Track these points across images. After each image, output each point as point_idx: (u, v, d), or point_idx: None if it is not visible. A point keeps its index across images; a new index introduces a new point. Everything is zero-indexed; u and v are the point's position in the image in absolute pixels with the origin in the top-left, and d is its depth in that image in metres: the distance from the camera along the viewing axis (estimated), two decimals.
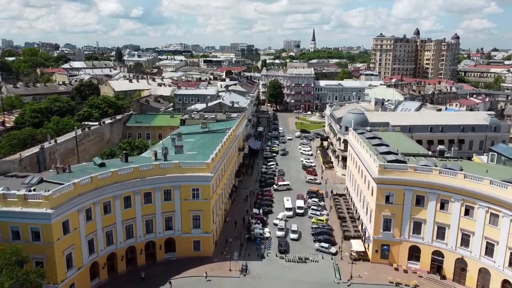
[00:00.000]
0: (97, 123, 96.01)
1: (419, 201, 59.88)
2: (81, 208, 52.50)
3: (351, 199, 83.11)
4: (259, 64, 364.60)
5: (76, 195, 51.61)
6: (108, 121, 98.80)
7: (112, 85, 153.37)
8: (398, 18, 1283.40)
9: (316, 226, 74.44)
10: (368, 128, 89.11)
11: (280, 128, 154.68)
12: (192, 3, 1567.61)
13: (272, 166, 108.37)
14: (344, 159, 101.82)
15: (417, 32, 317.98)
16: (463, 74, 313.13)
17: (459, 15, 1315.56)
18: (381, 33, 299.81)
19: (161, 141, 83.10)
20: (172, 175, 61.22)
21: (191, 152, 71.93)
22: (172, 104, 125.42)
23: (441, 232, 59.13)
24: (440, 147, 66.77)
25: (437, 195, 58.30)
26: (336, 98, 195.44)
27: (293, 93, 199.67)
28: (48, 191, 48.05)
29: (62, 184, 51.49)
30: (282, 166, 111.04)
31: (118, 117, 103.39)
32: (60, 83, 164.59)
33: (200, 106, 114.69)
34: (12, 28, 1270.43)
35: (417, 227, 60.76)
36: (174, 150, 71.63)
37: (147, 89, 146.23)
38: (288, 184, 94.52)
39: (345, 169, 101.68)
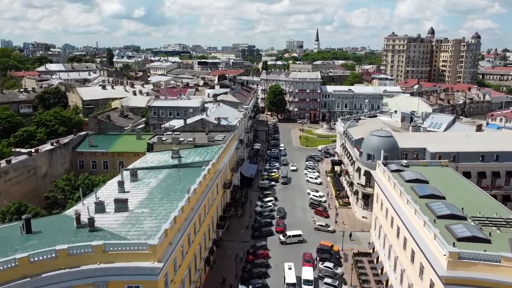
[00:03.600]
0: (32, 150, 70.28)
1: None
2: None
3: (382, 268, 57.26)
4: (260, 65, 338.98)
5: None
6: (48, 147, 73.20)
7: (81, 92, 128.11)
8: (401, 18, 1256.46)
9: None
10: (405, 161, 63.41)
11: (281, 145, 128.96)
12: (194, 3, 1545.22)
13: (269, 204, 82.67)
14: (366, 196, 76.34)
15: (432, 31, 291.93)
16: (480, 77, 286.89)
17: (462, 15, 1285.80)
18: (393, 32, 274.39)
19: (104, 185, 57.63)
20: (92, 267, 35.77)
21: (140, 210, 46.47)
22: (144, 119, 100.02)
23: None
24: None
25: None
26: (346, 106, 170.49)
27: (296, 100, 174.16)
28: None
29: None
30: (283, 201, 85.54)
31: (65, 140, 77.88)
32: (22, 90, 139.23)
33: (178, 122, 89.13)
34: (15, 29, 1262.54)
35: None
36: (114, 205, 46.31)
37: (121, 98, 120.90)
38: (300, 235, 68.82)
39: (367, 209, 76.38)
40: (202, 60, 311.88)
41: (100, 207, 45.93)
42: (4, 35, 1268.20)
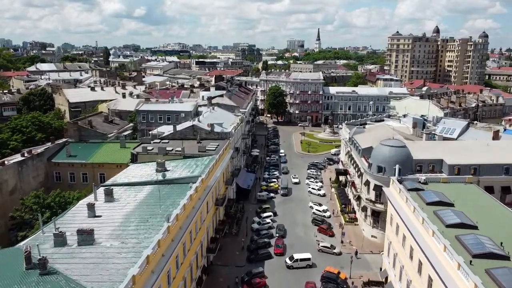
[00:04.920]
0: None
1: None
2: None
3: None
4: (260, 65, 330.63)
5: None
6: (17, 158, 65.05)
7: (67, 94, 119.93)
8: (401, 18, 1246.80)
9: None
10: (423, 178, 55.23)
11: (281, 151, 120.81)
12: (195, 3, 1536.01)
13: (268, 220, 74.42)
14: (376, 213, 68.23)
15: (437, 30, 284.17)
16: (487, 78, 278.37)
17: (463, 15, 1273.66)
18: (397, 31, 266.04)
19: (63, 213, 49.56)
20: None
21: (109, 243, 38.35)
22: (132, 124, 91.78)
23: None
24: None
25: None
26: (349, 109, 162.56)
27: (297, 102, 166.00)
28: None
29: None
30: (282, 217, 77.57)
31: (39, 149, 69.72)
32: (6, 91, 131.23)
33: (168, 128, 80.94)
34: (16, 28, 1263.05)
35: None
36: (77, 237, 38.20)
37: (110, 101, 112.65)
38: (309, 259, 60.55)
39: (377, 227, 68.42)
40: (200, 60, 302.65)
41: (60, 239, 37.89)
42: (5, 34, 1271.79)
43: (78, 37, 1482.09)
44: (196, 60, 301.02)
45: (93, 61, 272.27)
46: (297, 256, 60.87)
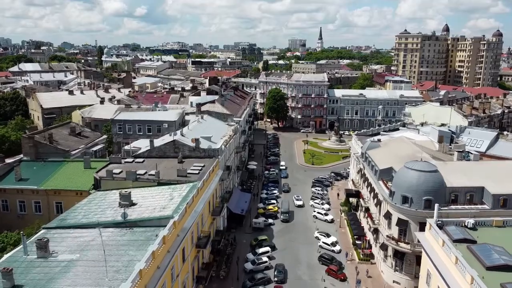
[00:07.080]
0: None
1: None
2: None
3: None
4: (261, 65, 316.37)
5: None
6: None
7: (41, 98, 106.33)
8: (403, 17, 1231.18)
9: None
10: (471, 221, 41.31)
11: (282, 163, 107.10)
12: (196, 2, 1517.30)
13: (264, 258, 60.52)
14: (400, 254, 54.45)
15: (447, 29, 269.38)
16: (498, 79, 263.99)
17: (465, 14, 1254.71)
18: (405, 30, 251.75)
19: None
20: None
21: None
22: (105, 137, 78.01)
23: None
24: None
25: None
26: (356, 113, 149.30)
27: (300, 106, 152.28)
28: None
29: None
30: (282, 252, 63.89)
31: None
32: None
33: (145, 144, 67.17)
34: (17, 27, 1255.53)
35: None
36: None
37: (88, 106, 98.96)
38: None
39: (400, 271, 54.76)
40: (196, 60, 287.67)
41: None
42: (6, 33, 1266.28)
43: (79, 36, 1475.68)
44: (192, 60, 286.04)
45: (82, 61, 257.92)
46: None
